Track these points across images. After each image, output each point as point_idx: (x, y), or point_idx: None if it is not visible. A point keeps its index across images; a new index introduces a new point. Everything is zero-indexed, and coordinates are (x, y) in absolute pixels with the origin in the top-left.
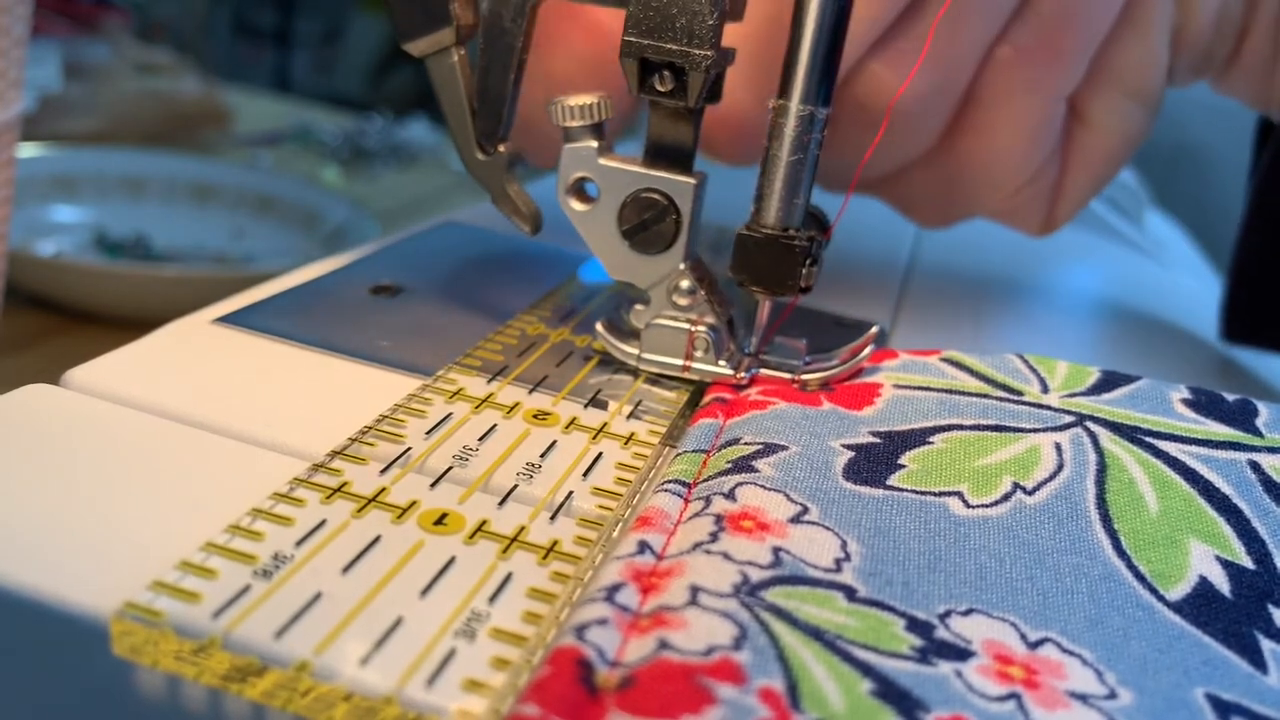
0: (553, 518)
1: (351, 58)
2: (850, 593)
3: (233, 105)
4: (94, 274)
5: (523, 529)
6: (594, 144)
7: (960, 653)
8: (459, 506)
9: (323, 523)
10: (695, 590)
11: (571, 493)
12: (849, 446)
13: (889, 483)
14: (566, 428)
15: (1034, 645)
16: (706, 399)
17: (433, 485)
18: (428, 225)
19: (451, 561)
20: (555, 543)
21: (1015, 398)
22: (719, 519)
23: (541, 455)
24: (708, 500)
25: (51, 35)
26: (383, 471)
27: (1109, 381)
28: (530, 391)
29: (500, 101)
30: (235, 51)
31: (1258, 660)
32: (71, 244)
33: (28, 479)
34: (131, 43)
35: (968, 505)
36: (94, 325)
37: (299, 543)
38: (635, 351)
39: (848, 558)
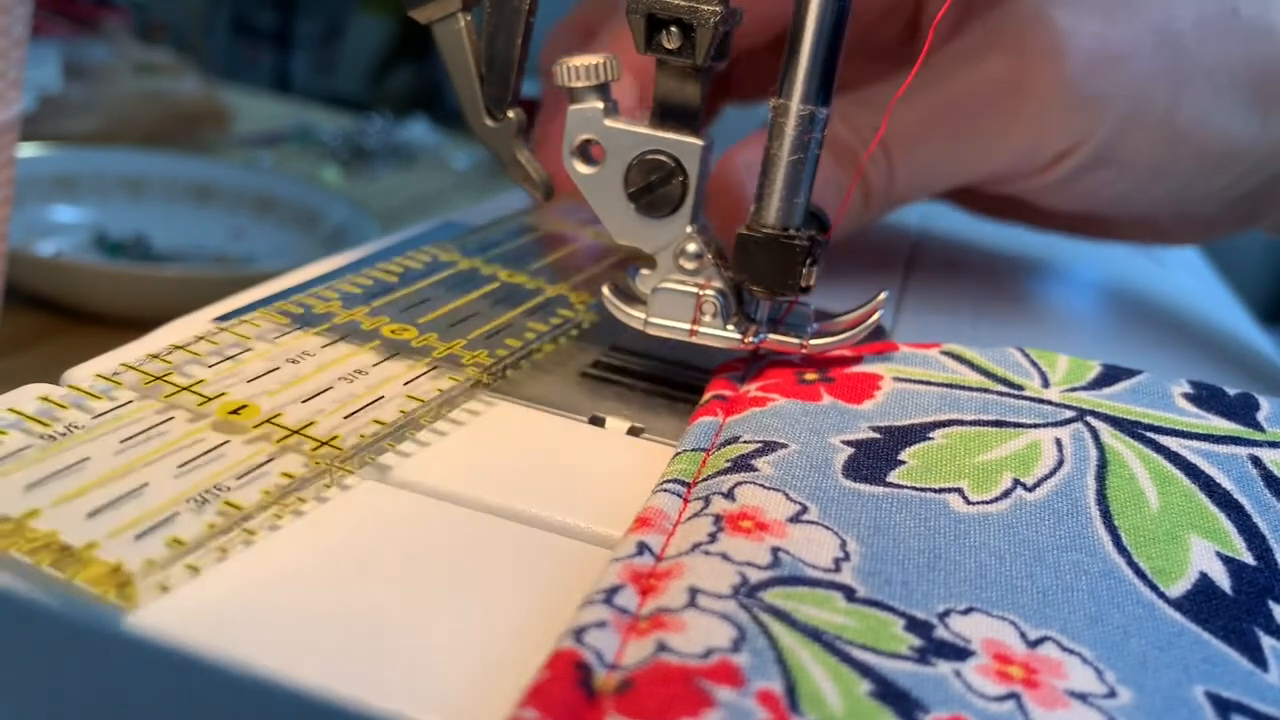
0: (348, 416)
1: (351, 58)
2: (849, 593)
3: (233, 105)
4: (94, 274)
5: (311, 423)
6: (600, 105)
7: (959, 652)
8: (263, 399)
9: (128, 402)
10: (694, 592)
11: (382, 397)
12: (849, 443)
13: (889, 480)
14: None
15: (1034, 644)
16: (706, 396)
17: (250, 380)
18: (428, 225)
19: (223, 444)
20: (334, 437)
21: (1016, 392)
22: (718, 519)
23: (376, 364)
24: (707, 500)
25: (51, 35)
26: (210, 366)
27: (1110, 376)
28: (402, 311)
29: (508, 66)
30: (235, 51)
31: (1258, 658)
32: (71, 244)
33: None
34: (131, 43)
35: (968, 502)
36: (94, 325)
37: (96, 416)
38: (642, 316)
39: (847, 557)
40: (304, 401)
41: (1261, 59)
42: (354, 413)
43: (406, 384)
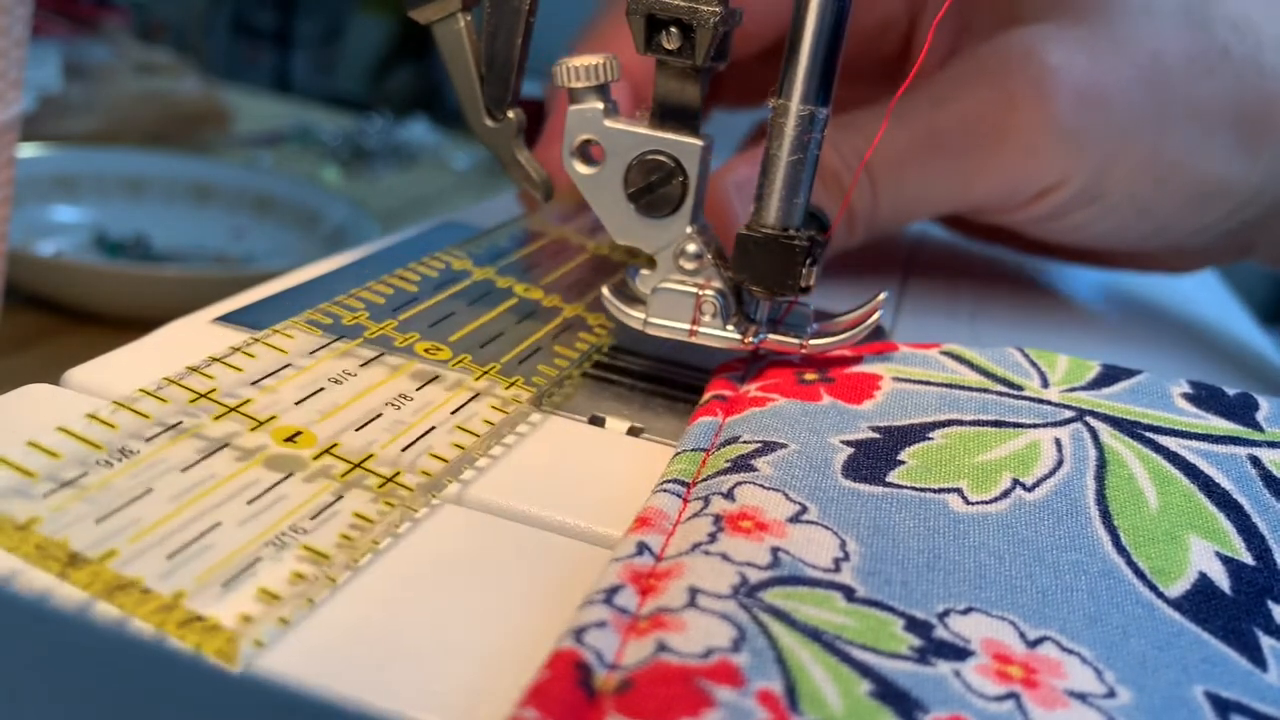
0: (405, 449)
1: (351, 58)
2: (849, 593)
3: (233, 105)
4: (94, 274)
5: (370, 455)
6: (599, 105)
7: (959, 652)
8: (316, 426)
9: (179, 424)
10: (694, 592)
11: (434, 427)
12: (848, 443)
13: (888, 480)
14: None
15: (1033, 644)
16: (706, 396)
17: (298, 402)
18: (428, 225)
19: (287, 478)
20: (397, 473)
21: (1015, 392)
22: (718, 519)
23: (418, 388)
24: (706, 500)
25: (51, 35)
26: (254, 383)
27: (1109, 376)
28: (430, 326)
29: (508, 67)
30: (235, 51)
31: (1257, 658)
32: (71, 244)
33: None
34: (131, 43)
35: (967, 502)
36: (94, 325)
37: (149, 439)
38: (641, 316)
39: (846, 557)
40: (357, 430)
41: (1252, 97)
42: (410, 445)
43: (454, 413)
